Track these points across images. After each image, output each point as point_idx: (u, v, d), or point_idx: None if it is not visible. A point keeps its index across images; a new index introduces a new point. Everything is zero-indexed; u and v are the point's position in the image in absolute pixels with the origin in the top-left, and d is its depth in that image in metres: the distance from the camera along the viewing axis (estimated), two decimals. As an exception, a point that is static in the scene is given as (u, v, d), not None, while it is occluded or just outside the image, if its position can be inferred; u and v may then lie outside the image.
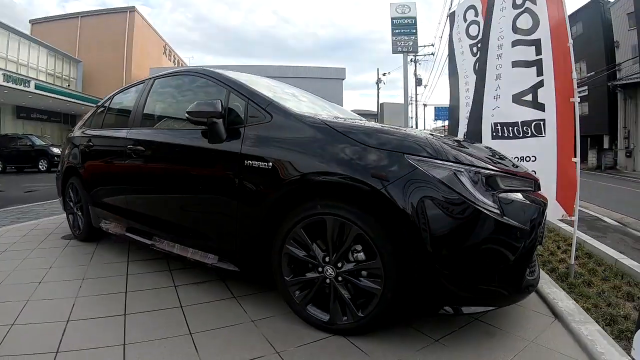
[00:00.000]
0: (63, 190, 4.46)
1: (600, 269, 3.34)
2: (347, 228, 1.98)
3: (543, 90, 3.18)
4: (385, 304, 1.93)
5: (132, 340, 2.02)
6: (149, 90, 3.38)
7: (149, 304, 2.49)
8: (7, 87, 20.55)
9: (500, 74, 3.44)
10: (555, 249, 4.01)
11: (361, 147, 2.01)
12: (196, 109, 2.45)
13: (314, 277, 2.12)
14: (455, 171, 1.87)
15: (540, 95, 3.20)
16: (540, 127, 3.17)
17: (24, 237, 4.41)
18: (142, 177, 3.17)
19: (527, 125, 3.24)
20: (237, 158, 2.35)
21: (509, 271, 1.90)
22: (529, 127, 3.23)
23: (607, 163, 25.62)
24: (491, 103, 3.48)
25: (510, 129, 3.34)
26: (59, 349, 1.94)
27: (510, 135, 3.34)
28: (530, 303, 2.54)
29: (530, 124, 3.23)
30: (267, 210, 2.22)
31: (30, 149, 18.75)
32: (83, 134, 4.20)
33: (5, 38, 26.05)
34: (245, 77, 2.89)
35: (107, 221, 3.63)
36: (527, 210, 2.00)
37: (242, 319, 2.28)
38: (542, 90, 3.19)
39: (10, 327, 2.17)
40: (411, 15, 21.88)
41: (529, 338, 2.09)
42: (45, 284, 2.87)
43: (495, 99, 3.45)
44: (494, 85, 3.47)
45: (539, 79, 3.19)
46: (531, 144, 3.23)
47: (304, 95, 3.37)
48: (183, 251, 2.77)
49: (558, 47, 3.12)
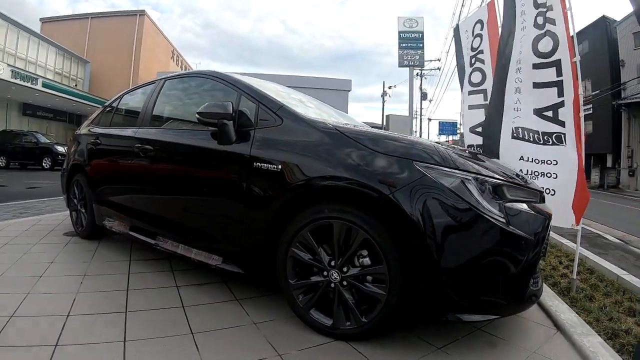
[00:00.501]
0: (67, 187, 4.47)
1: (602, 285, 3.34)
2: (354, 233, 1.99)
3: (563, 110, 3.17)
4: (389, 310, 1.93)
5: (132, 337, 2.01)
6: (159, 90, 3.40)
7: (151, 302, 2.49)
8: (15, 84, 20.63)
9: (519, 88, 3.43)
10: (557, 264, 4.01)
11: (371, 153, 2.02)
12: (207, 110, 2.46)
13: (318, 281, 2.12)
14: (463, 179, 1.88)
15: (561, 113, 3.19)
16: (561, 138, 3.16)
17: (25, 231, 4.40)
18: (148, 176, 3.18)
19: (549, 136, 3.22)
20: (246, 160, 2.36)
21: (514, 280, 1.90)
22: (550, 137, 3.21)
23: (609, 182, 25.62)
24: (512, 113, 3.47)
25: (532, 134, 3.31)
26: (58, 342, 1.93)
27: (530, 139, 3.32)
28: (532, 314, 2.54)
29: (551, 135, 3.21)
30: (274, 213, 2.22)
31: (34, 146, 18.74)
32: (90, 131, 4.22)
33: (15, 35, 26.27)
34: (255, 81, 2.91)
35: (111, 219, 3.63)
36: (533, 221, 2.01)
37: (244, 321, 2.27)
38: (562, 110, 3.18)
39: (9, 318, 2.16)
40: (418, 30, 22.06)
41: (531, 349, 2.09)
42: (46, 278, 2.87)
43: (516, 110, 3.45)
44: (514, 99, 3.46)
45: (560, 100, 3.18)
46: (552, 150, 3.20)
47: (311, 102, 3.39)
48: (187, 251, 2.77)
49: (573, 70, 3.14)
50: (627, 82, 24.84)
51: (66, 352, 1.86)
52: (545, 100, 3.26)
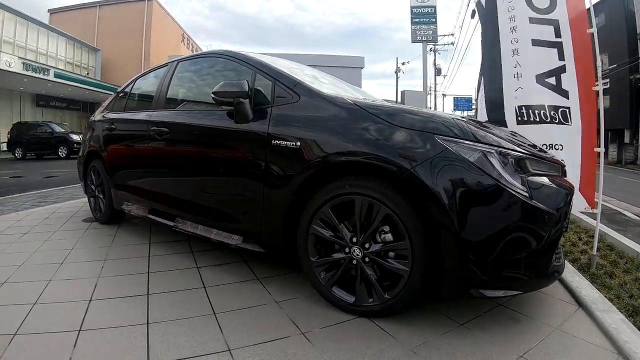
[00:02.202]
0: (85, 174, 4.51)
1: (622, 262, 3.29)
2: (376, 208, 1.97)
3: (566, 77, 3.06)
4: (412, 286, 1.92)
5: (155, 320, 2.04)
6: (172, 73, 3.38)
7: (172, 284, 2.51)
8: (27, 76, 20.86)
9: (517, 49, 3.24)
10: (577, 240, 3.96)
11: (390, 127, 1.99)
12: (222, 89, 2.44)
13: (340, 258, 2.12)
14: (485, 152, 1.84)
15: (564, 81, 3.08)
16: (566, 115, 3.06)
17: (45, 219, 4.48)
18: (165, 159, 3.18)
19: (555, 111, 3.10)
20: (265, 138, 2.35)
21: (536, 255, 1.87)
22: (556, 113, 3.10)
23: (627, 158, 25.18)
24: (512, 84, 3.28)
25: (537, 112, 3.16)
26: (82, 327, 1.96)
27: (537, 119, 3.17)
28: (553, 291, 2.51)
29: (557, 109, 3.09)
30: (294, 190, 2.21)
31: (49, 136, 19.03)
32: (105, 117, 4.24)
33: (24, 27, 26.40)
34: (268, 58, 2.88)
35: (129, 203, 3.67)
36: (555, 195, 1.97)
37: (266, 300, 2.29)
38: (565, 77, 3.07)
39: (32, 305, 2.20)
40: (431, 4, 21.61)
41: (553, 325, 2.07)
42: (67, 264, 2.91)
43: (516, 78, 3.25)
44: (512, 62, 3.26)
45: (561, 64, 3.07)
46: (559, 132, 3.10)
47: (325, 78, 3.33)
48: (207, 232, 2.78)
49: (577, 34, 3.03)
50: (645, 55, 24.23)
51: (90, 336, 1.89)
52: (546, 62, 3.13)
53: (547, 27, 3.13)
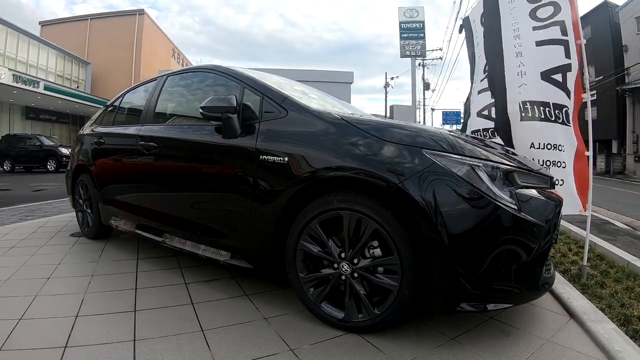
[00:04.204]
0: (73, 188, 4.47)
1: (613, 271, 3.30)
2: (364, 223, 1.96)
3: (571, 76, 3.01)
4: (401, 301, 1.91)
5: (142, 336, 2.00)
6: (161, 87, 3.38)
7: (160, 300, 2.48)
8: (17, 88, 20.69)
9: (521, 52, 3.20)
10: (567, 251, 3.98)
11: (378, 141, 1.99)
12: (211, 104, 2.44)
13: (329, 274, 2.10)
14: (474, 166, 1.85)
15: (569, 79, 3.02)
16: (568, 116, 3.04)
17: (32, 234, 4.41)
18: (154, 174, 3.16)
19: (559, 110, 3.04)
20: (253, 153, 2.34)
21: (527, 268, 1.88)
22: (560, 113, 3.04)
23: (615, 168, 25.44)
24: (516, 80, 3.22)
25: (542, 109, 3.09)
26: (67, 344, 1.92)
27: (541, 116, 3.09)
28: (544, 302, 2.51)
29: (561, 109, 3.04)
30: (282, 206, 2.20)
31: (38, 149, 18.89)
32: (93, 131, 4.20)
33: (15, 39, 26.34)
34: (257, 73, 2.88)
35: (117, 218, 3.63)
36: (544, 207, 1.98)
37: (255, 316, 2.26)
38: (570, 75, 3.01)
39: (17, 321, 2.16)
40: (419, 20, 21.95)
41: (545, 337, 2.06)
42: (54, 279, 2.87)
43: (520, 76, 3.20)
44: (516, 62, 3.23)
45: (567, 62, 3.02)
46: (561, 132, 3.06)
47: (314, 93, 3.34)
48: (195, 248, 2.75)
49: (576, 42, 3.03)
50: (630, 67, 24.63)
51: (76, 353, 1.84)
52: (551, 59, 3.08)
53: (553, 28, 3.09)
